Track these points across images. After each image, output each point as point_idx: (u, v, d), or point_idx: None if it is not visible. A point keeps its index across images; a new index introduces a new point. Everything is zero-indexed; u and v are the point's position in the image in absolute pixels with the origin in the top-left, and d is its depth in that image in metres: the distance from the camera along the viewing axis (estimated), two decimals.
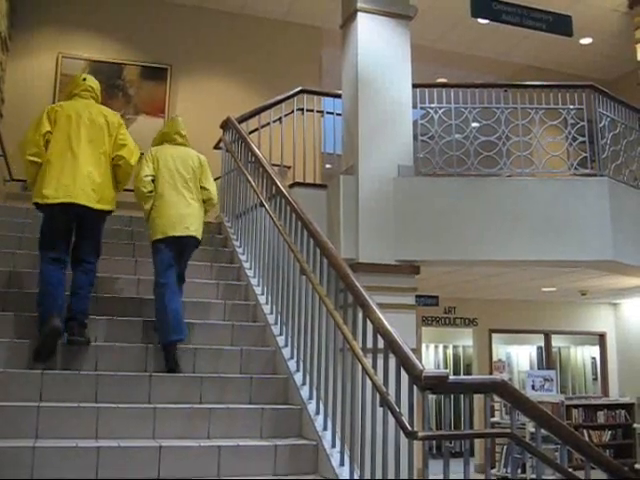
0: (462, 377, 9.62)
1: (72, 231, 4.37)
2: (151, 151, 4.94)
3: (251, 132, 6.67)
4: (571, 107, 6.82)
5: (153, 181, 4.76)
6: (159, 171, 4.78)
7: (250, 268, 5.49)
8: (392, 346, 3.07)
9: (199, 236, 4.80)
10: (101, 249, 4.54)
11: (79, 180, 4.25)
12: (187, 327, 4.48)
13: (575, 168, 6.77)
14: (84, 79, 4.70)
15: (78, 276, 4.31)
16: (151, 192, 4.74)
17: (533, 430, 3.07)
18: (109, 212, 4.48)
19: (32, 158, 4.39)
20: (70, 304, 4.21)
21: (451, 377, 2.81)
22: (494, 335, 12.10)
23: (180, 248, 4.67)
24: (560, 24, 7.90)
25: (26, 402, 3.59)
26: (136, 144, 4.67)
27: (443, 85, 7.15)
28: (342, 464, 3.43)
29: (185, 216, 4.68)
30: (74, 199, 4.20)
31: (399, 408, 2.95)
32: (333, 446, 3.54)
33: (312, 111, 7.14)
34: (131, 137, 4.65)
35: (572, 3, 9.27)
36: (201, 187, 4.91)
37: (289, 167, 7.15)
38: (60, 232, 4.31)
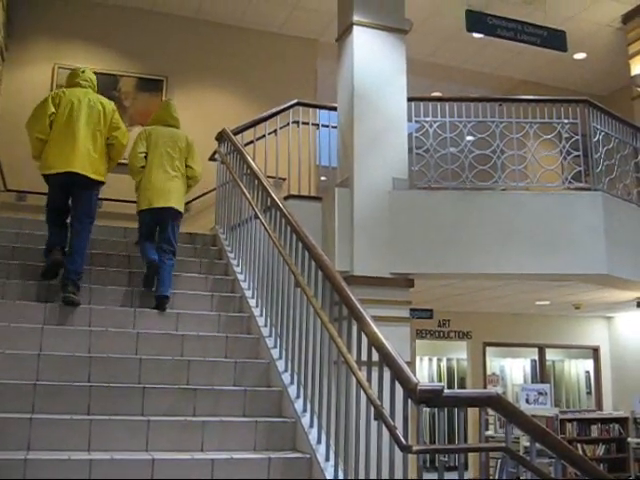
0: (457, 391, 9.59)
1: (68, 198, 5.14)
2: (145, 130, 5.71)
3: (246, 144, 6.69)
4: (565, 121, 6.85)
5: (145, 157, 5.53)
6: (150, 149, 5.56)
7: (245, 280, 5.48)
8: (386, 359, 3.06)
9: (180, 208, 5.53)
10: (95, 215, 5.19)
11: (78, 154, 4.99)
12: (180, 339, 4.49)
13: (569, 182, 6.79)
14: (83, 71, 5.49)
15: (74, 239, 5.00)
16: (143, 167, 5.54)
17: (527, 444, 3.06)
18: (101, 183, 5.21)
19: (39, 135, 5.12)
20: (65, 265, 4.87)
21: (446, 391, 2.80)
22: (488, 348, 12.09)
23: (161, 218, 5.42)
24: (554, 39, 7.96)
25: (18, 414, 3.56)
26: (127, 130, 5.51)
27: (438, 99, 7.17)
28: (336, 478, 3.41)
29: (167, 190, 5.43)
30: (74, 169, 4.96)
31: (393, 421, 2.94)
32: (327, 459, 3.53)
33: (307, 123, 7.17)
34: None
35: (566, 18, 9.34)
36: (187, 165, 5.65)
37: (284, 179, 7.16)
38: (62, 197, 5.12)
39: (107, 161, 5.26)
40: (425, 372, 13.01)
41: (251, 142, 6.92)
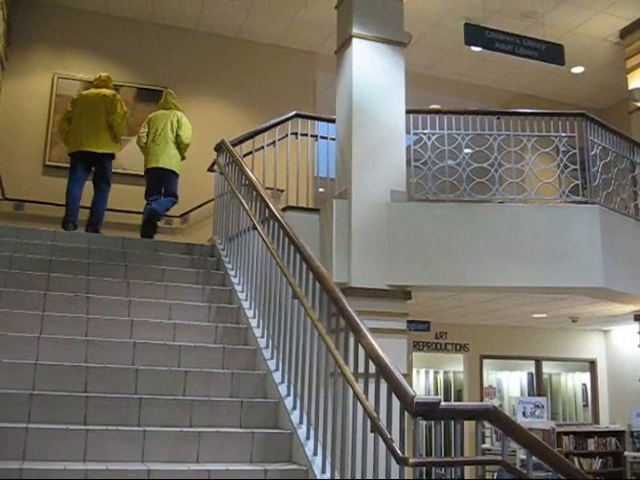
0: (454, 403, 9.56)
1: (88, 169, 7.27)
2: (148, 117, 7.82)
3: (245, 155, 6.70)
4: (563, 135, 6.87)
5: (149, 135, 7.60)
6: (149, 129, 7.62)
7: (242, 291, 5.48)
8: (383, 371, 3.06)
9: (171, 167, 7.48)
10: (110, 180, 7.32)
11: (89, 136, 7.12)
12: (177, 350, 4.49)
13: (567, 195, 6.80)
14: (100, 75, 7.69)
15: (95, 198, 7.22)
16: (145, 144, 7.61)
17: (524, 457, 3.06)
18: (111, 154, 7.33)
19: (60, 129, 7.48)
20: (90, 217, 7.13)
21: (442, 403, 2.80)
22: (485, 361, 12.08)
23: (157, 176, 7.50)
24: (552, 53, 8.01)
25: (14, 423, 3.55)
26: (125, 117, 7.43)
27: (436, 111, 7.19)
28: None
29: (159, 156, 7.45)
30: (86, 148, 7.13)
31: (390, 434, 2.93)
32: (323, 472, 3.52)
33: (306, 135, 7.19)
34: (123, 107, 7.40)
35: (564, 33, 9.41)
36: (176, 135, 7.55)
37: (282, 190, 7.17)
38: (79, 168, 7.20)
39: (112, 138, 7.28)
40: (422, 384, 12.98)
41: (250, 153, 6.94)
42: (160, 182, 7.52)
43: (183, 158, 7.72)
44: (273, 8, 9.31)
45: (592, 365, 12.57)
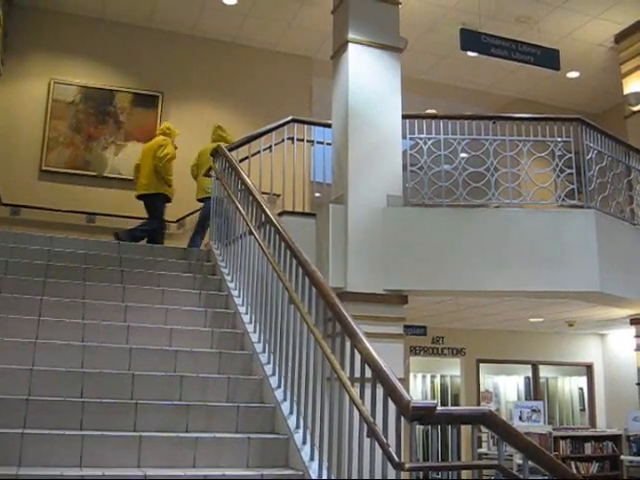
0: (450, 408, 9.57)
1: (148, 208, 8.03)
2: (199, 150, 8.28)
3: (241, 160, 6.70)
4: (559, 139, 6.88)
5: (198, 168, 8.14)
6: (198, 162, 8.18)
7: (238, 296, 5.48)
8: (379, 376, 3.06)
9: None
10: (160, 216, 7.96)
11: (142, 181, 7.96)
12: (173, 355, 4.49)
13: (562, 200, 6.82)
14: (163, 125, 8.49)
15: (142, 223, 7.89)
16: (196, 177, 8.18)
17: (520, 462, 3.06)
18: (159, 194, 7.91)
19: (133, 176, 8.27)
20: (128, 229, 7.81)
21: (439, 408, 2.80)
22: (482, 365, 12.09)
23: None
24: (548, 58, 8.03)
25: (10, 429, 3.55)
26: (168, 152, 7.91)
27: (432, 116, 7.20)
28: None
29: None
30: (139, 191, 7.98)
31: (386, 438, 2.93)
32: (320, 476, 3.52)
33: (302, 140, 7.19)
34: (170, 149, 7.97)
35: (559, 38, 9.43)
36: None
37: (278, 195, 7.18)
38: (146, 209, 8.03)
39: (159, 179, 7.91)
40: (419, 389, 12.98)
41: (246, 158, 6.94)
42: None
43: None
44: (269, 14, 9.32)
45: (589, 369, 12.59)
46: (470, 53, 8.99)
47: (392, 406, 2.92)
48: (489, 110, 11.18)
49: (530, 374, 12.62)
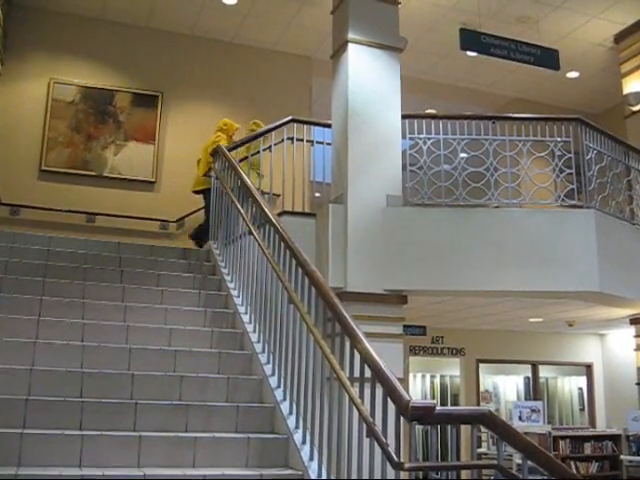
0: (449, 408, 9.58)
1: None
2: None
3: (241, 160, 6.70)
4: (558, 139, 6.88)
5: None
6: None
7: (238, 296, 5.48)
8: (379, 376, 3.06)
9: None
10: (209, 207, 7.43)
11: (198, 177, 8.00)
12: (173, 355, 4.49)
13: (562, 199, 6.81)
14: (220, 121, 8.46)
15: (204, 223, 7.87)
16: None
17: (520, 461, 3.06)
18: (209, 189, 7.41)
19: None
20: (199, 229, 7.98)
21: (438, 408, 2.80)
22: (481, 365, 12.09)
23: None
24: (547, 58, 8.03)
25: (9, 429, 3.55)
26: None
27: (432, 116, 7.20)
28: None
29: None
30: (195, 187, 8.06)
31: (386, 438, 2.93)
32: (319, 476, 3.52)
33: (302, 140, 7.19)
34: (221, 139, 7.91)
35: (559, 38, 9.43)
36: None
37: (278, 195, 7.18)
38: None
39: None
40: (418, 389, 12.98)
41: (246, 158, 6.94)
42: None
43: None
44: (269, 13, 9.32)
45: (588, 369, 12.58)
46: (470, 53, 8.98)
47: (391, 406, 2.92)
48: (489, 110, 11.17)
49: (530, 374, 12.62)
